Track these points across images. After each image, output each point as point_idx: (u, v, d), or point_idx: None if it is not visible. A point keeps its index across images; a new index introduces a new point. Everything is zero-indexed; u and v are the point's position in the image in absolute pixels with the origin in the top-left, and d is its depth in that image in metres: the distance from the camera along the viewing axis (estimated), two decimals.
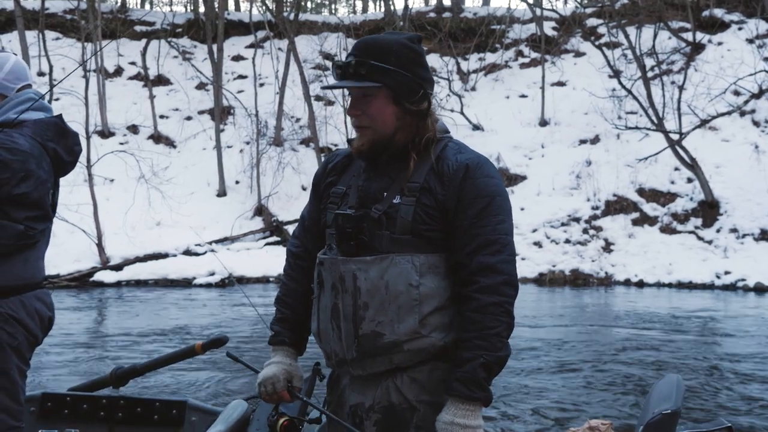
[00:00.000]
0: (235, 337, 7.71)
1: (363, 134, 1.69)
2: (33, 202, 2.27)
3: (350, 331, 1.65)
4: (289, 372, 1.79)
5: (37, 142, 2.27)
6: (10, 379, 2.28)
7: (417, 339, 1.63)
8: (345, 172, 1.80)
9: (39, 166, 2.27)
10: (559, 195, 14.97)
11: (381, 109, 1.67)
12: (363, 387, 1.70)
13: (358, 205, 1.70)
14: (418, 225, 1.65)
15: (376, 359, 1.65)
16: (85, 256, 12.71)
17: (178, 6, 31.73)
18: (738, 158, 14.58)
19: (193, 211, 14.46)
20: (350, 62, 1.66)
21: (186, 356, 2.73)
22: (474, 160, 1.69)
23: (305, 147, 17.31)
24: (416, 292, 1.63)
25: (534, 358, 6.79)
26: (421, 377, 1.66)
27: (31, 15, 18.53)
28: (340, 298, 1.67)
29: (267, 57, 19.09)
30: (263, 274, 12.66)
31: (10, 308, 2.28)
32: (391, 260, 1.63)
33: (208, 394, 5.43)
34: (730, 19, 19.14)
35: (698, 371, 6.32)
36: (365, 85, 1.66)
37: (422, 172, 1.68)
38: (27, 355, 2.34)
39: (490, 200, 1.65)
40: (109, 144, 16.31)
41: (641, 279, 12.56)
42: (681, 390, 1.81)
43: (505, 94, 18.76)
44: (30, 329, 2.33)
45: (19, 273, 2.31)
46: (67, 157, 2.41)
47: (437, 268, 1.66)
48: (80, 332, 7.99)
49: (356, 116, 1.69)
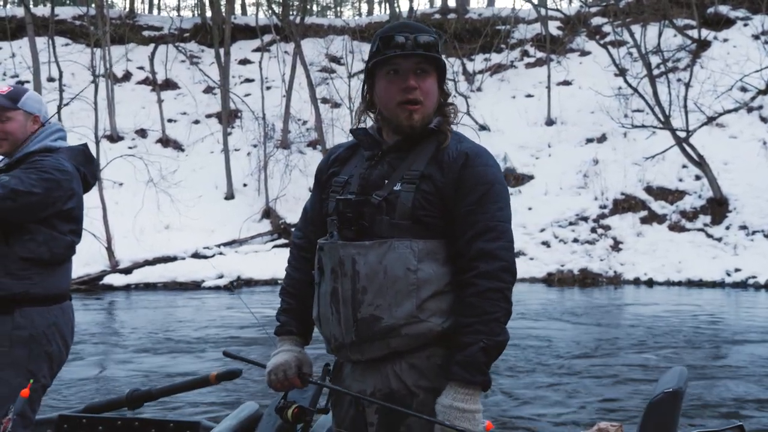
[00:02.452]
0: (240, 340, 7.76)
1: (416, 110, 1.71)
2: (75, 217, 2.51)
3: (349, 315, 1.67)
4: (300, 359, 1.80)
5: (73, 165, 2.52)
6: (42, 386, 2.38)
7: (415, 323, 1.65)
8: (347, 163, 1.84)
9: (78, 185, 2.54)
10: (566, 194, 14.95)
11: (431, 87, 1.73)
12: (363, 375, 1.72)
13: (359, 192, 1.73)
14: (418, 211, 1.67)
15: (374, 343, 1.66)
16: (95, 259, 12.80)
17: (185, 11, 31.92)
18: (746, 155, 14.53)
19: (201, 214, 14.54)
20: (416, 36, 1.69)
21: (200, 386, 2.79)
22: (473, 149, 1.73)
23: (312, 149, 17.37)
24: (414, 276, 1.64)
25: (540, 355, 6.79)
26: (420, 363, 1.67)
27: (41, 21, 18.68)
28: (339, 282, 1.68)
29: (273, 60, 19.17)
30: (271, 277, 12.70)
31: (54, 316, 2.41)
32: (390, 245, 1.65)
33: (221, 414, 5.46)
34: (736, 15, 19.09)
35: (709, 370, 6.31)
36: (438, 58, 1.72)
37: (423, 160, 1.71)
38: (56, 366, 2.44)
39: (489, 187, 1.68)
40: (118, 148, 16.43)
41: (650, 278, 12.53)
42: (684, 377, 1.85)
43: (511, 94, 18.76)
44: (65, 338, 2.45)
45: (61, 283, 2.47)
46: (91, 180, 2.66)
47: (436, 254, 1.67)
48: (92, 338, 8.05)
49: (414, 90, 1.70)
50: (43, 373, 2.37)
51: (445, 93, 1.78)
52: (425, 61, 1.71)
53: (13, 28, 20.35)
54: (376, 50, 1.72)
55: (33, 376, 2.33)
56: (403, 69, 1.71)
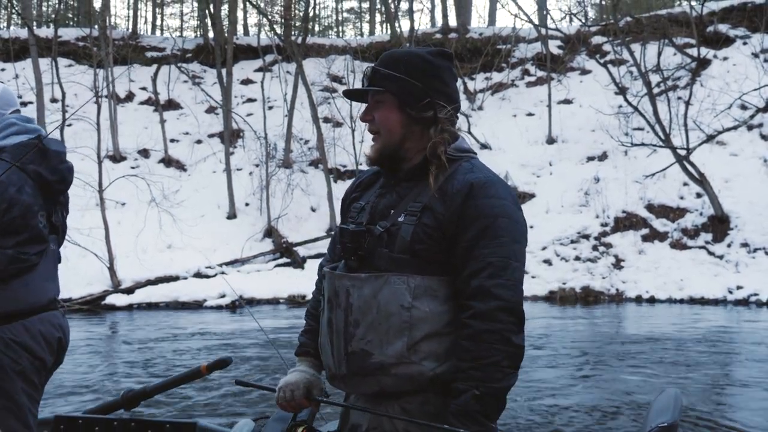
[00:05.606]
0: (244, 358, 7.74)
1: (375, 141, 1.72)
2: (19, 228, 2.27)
3: (341, 347, 1.63)
4: (310, 381, 1.77)
5: (16, 167, 2.24)
6: (17, 403, 2.28)
7: (405, 364, 1.57)
8: (369, 189, 1.81)
9: (21, 191, 2.27)
10: (568, 212, 14.96)
11: (386, 115, 1.69)
12: (363, 407, 1.69)
13: (367, 221, 1.69)
14: (416, 245, 1.60)
15: (366, 379, 1.61)
16: (97, 279, 12.81)
17: (187, 31, 32.20)
18: (747, 172, 14.55)
19: (203, 233, 14.55)
20: (366, 71, 1.72)
21: (192, 378, 2.77)
22: (481, 179, 1.62)
23: (314, 168, 17.43)
24: (407, 314, 1.57)
25: (540, 373, 6.77)
26: (413, 409, 1.60)
27: (44, 43, 18.84)
28: (334, 312, 1.65)
29: (275, 80, 19.30)
30: (273, 296, 12.69)
31: (13, 333, 2.28)
32: (385, 279, 1.59)
33: (217, 414, 5.45)
34: (735, 34, 19.21)
35: (709, 388, 6.27)
36: (369, 90, 1.70)
37: (428, 191, 1.64)
38: (34, 379, 2.34)
39: (492, 221, 1.58)
40: (120, 168, 16.50)
41: (652, 295, 12.49)
42: (679, 404, 1.79)
43: (512, 113, 18.84)
44: (35, 353, 2.32)
45: (19, 297, 2.30)
46: (50, 177, 2.38)
47: (435, 292, 1.59)
48: (91, 355, 8.04)
49: (368, 121, 1.72)
50: (16, 390, 2.28)
51: (413, 117, 1.67)
52: (377, 93, 1.70)
53: (16, 49, 20.53)
54: None
55: (5, 394, 2.26)
56: (369, 102, 1.75)
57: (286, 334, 8.65)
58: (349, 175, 17.13)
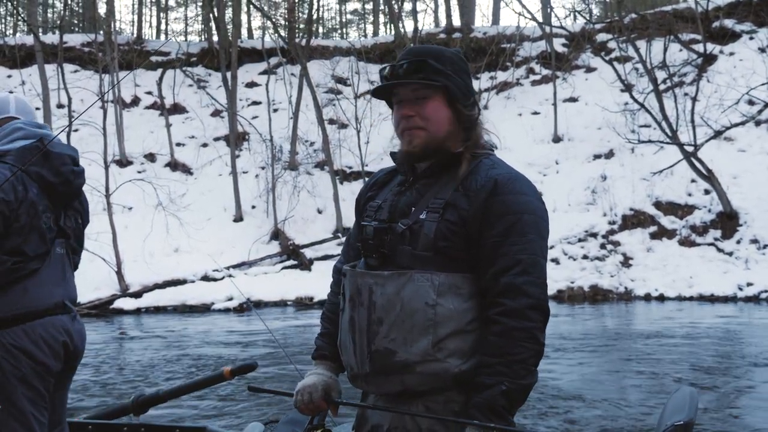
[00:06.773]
0: (255, 359, 7.72)
1: (416, 135, 1.66)
2: (24, 226, 2.28)
3: (364, 346, 1.62)
4: (328, 383, 1.76)
5: (20, 170, 2.27)
6: (19, 409, 2.25)
7: (430, 362, 1.56)
8: (384, 188, 1.79)
9: (27, 189, 2.29)
10: (575, 211, 14.90)
11: (437, 111, 1.66)
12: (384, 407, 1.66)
13: (388, 219, 1.67)
14: (440, 242, 1.59)
15: (389, 377, 1.60)
16: (105, 283, 12.84)
17: (192, 35, 32.27)
18: (755, 168, 14.46)
19: (210, 236, 14.57)
20: (404, 64, 1.66)
21: (214, 382, 2.68)
22: (505, 175, 1.63)
23: (320, 170, 17.43)
24: (432, 311, 1.56)
25: (554, 371, 6.73)
26: (436, 407, 1.59)
27: (50, 49, 18.91)
28: (356, 311, 1.64)
29: (280, 83, 19.31)
30: (281, 298, 12.68)
31: (12, 338, 2.26)
32: (409, 277, 1.57)
33: (228, 419, 5.44)
34: (741, 29, 19.11)
35: (721, 387, 6.22)
36: (430, 83, 1.65)
37: (450, 187, 1.64)
38: (36, 384, 2.31)
39: (518, 217, 1.57)
40: (127, 173, 16.54)
41: (662, 293, 12.42)
42: (695, 402, 1.77)
43: (517, 112, 18.79)
44: (36, 358, 2.29)
45: (18, 302, 2.29)
46: (52, 179, 2.39)
47: (459, 289, 1.58)
48: (101, 359, 8.05)
49: (410, 117, 1.67)
50: (17, 395, 2.25)
51: (464, 114, 1.68)
52: (422, 87, 1.66)
53: (22, 56, 20.63)
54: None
55: (7, 399, 2.24)
56: (404, 98, 1.69)
57: (295, 339, 8.64)
58: (355, 176, 17.13)
